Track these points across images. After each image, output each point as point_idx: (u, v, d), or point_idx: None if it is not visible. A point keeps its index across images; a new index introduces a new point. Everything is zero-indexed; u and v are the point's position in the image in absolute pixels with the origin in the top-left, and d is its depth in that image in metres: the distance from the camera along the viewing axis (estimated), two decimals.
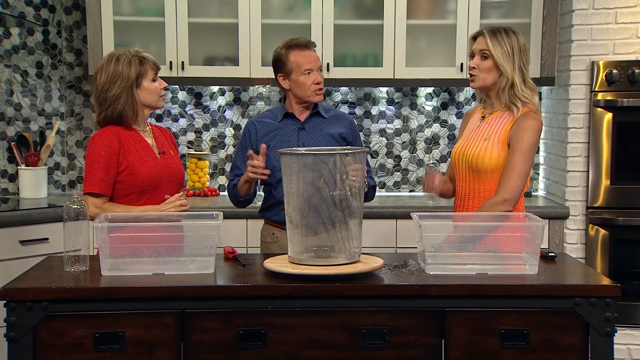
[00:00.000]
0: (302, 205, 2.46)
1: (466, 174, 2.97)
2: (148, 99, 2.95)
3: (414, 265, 2.64)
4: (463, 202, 2.99)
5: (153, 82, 2.95)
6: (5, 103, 4.40)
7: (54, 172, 4.60)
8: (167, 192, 2.94)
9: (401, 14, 4.22)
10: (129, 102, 2.91)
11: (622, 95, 3.97)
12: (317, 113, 3.23)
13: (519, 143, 2.85)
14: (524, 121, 2.87)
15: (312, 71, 3.13)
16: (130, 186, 2.89)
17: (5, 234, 3.73)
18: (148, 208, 2.87)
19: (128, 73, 2.90)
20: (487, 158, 2.89)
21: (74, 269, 2.53)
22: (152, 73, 2.95)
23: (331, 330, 2.39)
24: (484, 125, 2.98)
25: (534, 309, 2.40)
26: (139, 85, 2.92)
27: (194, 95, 4.63)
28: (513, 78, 2.89)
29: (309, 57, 3.15)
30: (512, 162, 2.85)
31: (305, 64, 3.13)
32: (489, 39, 2.91)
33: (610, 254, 4.02)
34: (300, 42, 3.17)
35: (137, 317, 2.35)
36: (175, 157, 3.08)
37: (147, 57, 2.96)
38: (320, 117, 3.24)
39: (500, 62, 2.88)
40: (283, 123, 3.22)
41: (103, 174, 2.86)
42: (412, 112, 4.65)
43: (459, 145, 3.03)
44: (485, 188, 2.92)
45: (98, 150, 2.88)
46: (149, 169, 2.92)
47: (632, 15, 3.97)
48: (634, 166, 4.05)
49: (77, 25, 4.57)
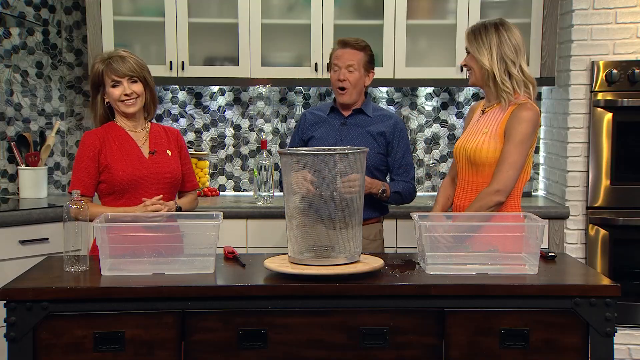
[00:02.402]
0: (302, 205, 2.46)
1: (466, 167, 3.01)
2: (112, 103, 3.00)
3: (414, 265, 2.64)
4: (462, 194, 3.03)
5: (112, 88, 2.95)
6: (5, 103, 4.40)
7: (54, 172, 4.60)
8: (150, 192, 2.94)
9: (401, 14, 4.22)
10: (96, 104, 3.02)
11: (622, 95, 3.97)
12: (361, 111, 3.34)
13: (513, 134, 2.88)
14: (519, 112, 2.90)
15: (340, 68, 3.25)
16: (110, 185, 2.95)
17: (5, 234, 3.73)
18: (122, 210, 2.89)
19: (90, 77, 3.02)
20: (484, 151, 2.92)
21: (74, 269, 2.53)
22: (110, 80, 2.94)
23: (331, 330, 2.39)
24: (484, 118, 3.02)
25: (534, 309, 2.40)
26: (105, 89, 2.98)
27: (194, 95, 4.63)
28: (492, 70, 2.93)
29: (340, 54, 3.27)
30: (505, 153, 2.88)
31: (335, 60, 3.28)
32: (466, 37, 3.01)
33: (610, 254, 4.02)
34: (343, 40, 3.31)
35: (137, 317, 2.35)
36: (172, 158, 3.06)
37: (115, 61, 2.94)
38: (364, 115, 3.34)
39: (477, 57, 2.96)
40: (330, 116, 3.38)
41: (83, 174, 2.93)
42: (412, 112, 4.65)
43: (462, 140, 3.07)
44: (483, 181, 2.95)
45: (81, 151, 2.97)
46: (128, 168, 2.93)
47: (632, 15, 3.97)
48: (634, 166, 4.05)
49: (77, 25, 4.57)
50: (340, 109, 3.37)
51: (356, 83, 3.28)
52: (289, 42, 4.34)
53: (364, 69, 3.29)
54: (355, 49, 3.27)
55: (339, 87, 3.28)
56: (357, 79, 3.28)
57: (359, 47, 3.28)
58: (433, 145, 4.66)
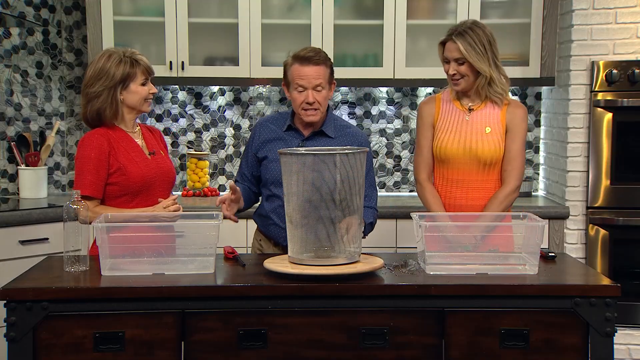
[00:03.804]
0: (302, 205, 2.46)
1: (470, 167, 3.00)
2: (133, 101, 2.93)
3: (414, 265, 2.64)
4: (468, 194, 3.01)
5: (142, 86, 2.93)
6: (5, 103, 4.40)
7: (54, 172, 4.60)
8: (159, 193, 2.93)
9: (401, 14, 4.22)
10: (109, 101, 2.88)
11: (622, 95, 3.96)
12: (322, 132, 3.01)
13: (520, 132, 3.02)
14: (517, 110, 3.04)
15: (305, 89, 2.90)
16: (123, 187, 2.87)
17: (5, 234, 3.73)
18: (141, 211, 2.84)
19: (114, 72, 2.87)
20: (499, 150, 3.00)
21: (74, 269, 2.53)
22: (142, 77, 2.92)
23: (331, 330, 2.39)
24: (476, 117, 3.02)
25: (534, 309, 2.40)
26: (126, 86, 2.90)
27: (194, 95, 4.63)
28: (490, 75, 2.98)
29: (305, 72, 2.89)
30: (515, 151, 3.00)
31: (297, 79, 2.90)
32: (461, 44, 2.95)
33: (610, 254, 4.02)
34: (302, 55, 2.91)
35: (137, 317, 2.35)
36: (166, 158, 3.06)
37: (141, 60, 2.93)
38: (324, 137, 3.01)
39: (477, 65, 2.96)
40: (287, 134, 3.04)
41: (93, 176, 2.83)
42: (412, 112, 4.65)
43: (453, 140, 3.02)
44: (491, 178, 3.02)
45: (88, 152, 2.85)
46: (140, 169, 2.90)
47: (632, 15, 3.97)
48: (634, 166, 4.05)
49: (77, 25, 4.57)
50: (300, 128, 3.03)
51: (325, 102, 2.96)
52: (289, 42, 4.33)
53: (329, 83, 2.95)
54: (318, 64, 2.90)
55: (307, 109, 2.93)
56: (325, 97, 2.94)
57: (321, 61, 2.91)
58: None
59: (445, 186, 3.06)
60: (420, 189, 3.12)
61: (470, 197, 3.02)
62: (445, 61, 3.05)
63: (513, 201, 3.04)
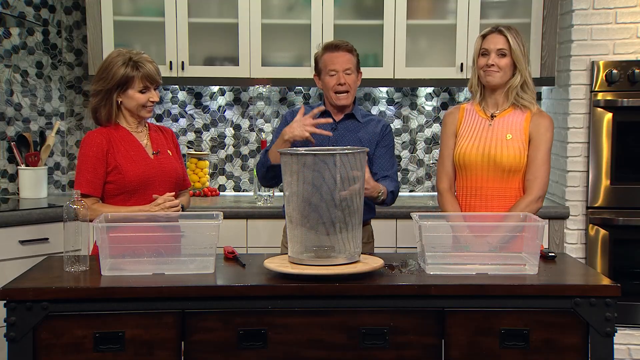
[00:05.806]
0: (302, 205, 2.46)
1: (489, 175, 2.99)
2: (130, 106, 2.94)
3: (414, 265, 2.64)
4: (485, 202, 3.01)
5: (141, 93, 2.92)
6: (5, 103, 4.40)
7: (54, 172, 4.60)
8: (159, 192, 2.92)
9: (401, 14, 4.22)
10: (103, 103, 2.92)
11: (622, 95, 3.97)
12: (352, 116, 3.27)
13: (545, 142, 3.00)
14: (543, 120, 3.02)
15: (337, 72, 3.15)
16: (120, 186, 2.90)
17: (5, 234, 3.73)
18: (136, 209, 2.86)
19: (114, 75, 2.89)
20: (522, 158, 2.98)
21: (74, 269, 2.53)
22: (141, 85, 2.90)
23: (331, 330, 2.39)
24: (498, 124, 3.01)
25: (534, 309, 2.40)
26: (124, 90, 2.91)
27: (194, 95, 4.63)
28: (526, 76, 3.00)
29: (335, 57, 3.17)
30: (540, 160, 2.98)
31: (330, 64, 3.17)
32: (510, 37, 2.98)
33: (610, 254, 4.02)
34: (333, 44, 3.22)
35: (137, 317, 2.35)
36: (173, 158, 3.07)
37: (144, 66, 2.90)
38: (355, 120, 3.27)
39: (518, 60, 2.98)
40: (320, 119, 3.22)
41: (91, 174, 2.87)
42: (412, 112, 4.65)
43: (473, 146, 3.03)
44: (513, 186, 3.00)
45: (87, 150, 2.90)
46: (137, 168, 2.91)
47: (632, 15, 3.97)
48: (634, 166, 4.05)
49: (77, 25, 4.57)
50: (332, 114, 3.26)
51: (354, 85, 3.23)
52: (289, 42, 4.34)
53: (356, 70, 3.24)
54: (347, 51, 3.20)
55: (339, 90, 3.19)
56: (354, 81, 3.22)
57: (349, 49, 3.21)
58: (433, 145, 4.66)
59: (464, 196, 3.06)
60: (440, 199, 3.15)
61: (489, 205, 3.00)
62: (482, 54, 3.03)
63: (535, 211, 2.95)
